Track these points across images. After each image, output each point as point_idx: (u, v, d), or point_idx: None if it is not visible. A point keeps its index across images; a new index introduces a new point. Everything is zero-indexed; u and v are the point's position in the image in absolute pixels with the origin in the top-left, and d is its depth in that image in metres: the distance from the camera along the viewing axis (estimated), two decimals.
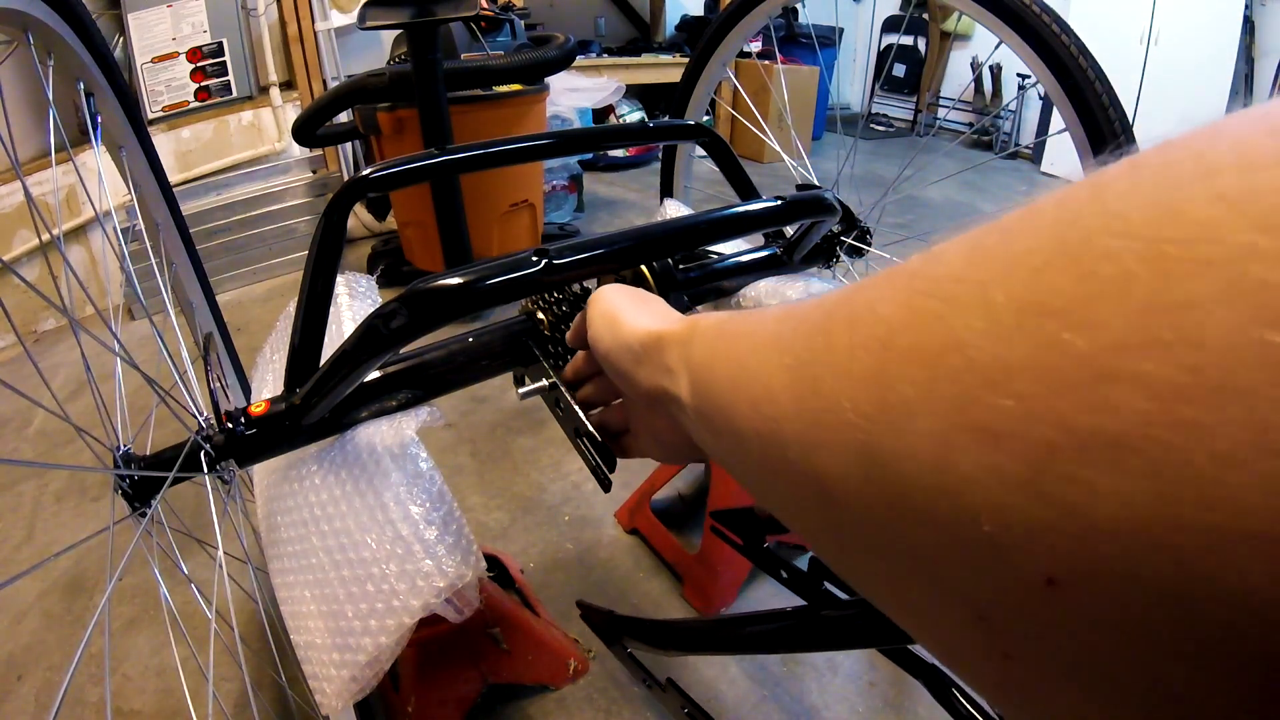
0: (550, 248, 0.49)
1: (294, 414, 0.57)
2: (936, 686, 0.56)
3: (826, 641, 0.55)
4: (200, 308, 1.04)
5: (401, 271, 2.17)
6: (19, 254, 1.88)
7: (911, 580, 0.16)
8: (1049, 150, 3.95)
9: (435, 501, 0.55)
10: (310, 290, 0.57)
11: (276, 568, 0.60)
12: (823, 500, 0.18)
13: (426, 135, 1.73)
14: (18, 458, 1.42)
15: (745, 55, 3.19)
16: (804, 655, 0.96)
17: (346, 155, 2.53)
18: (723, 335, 0.27)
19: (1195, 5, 3.15)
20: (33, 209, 0.96)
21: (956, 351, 0.14)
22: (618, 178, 3.41)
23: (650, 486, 1.15)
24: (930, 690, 0.56)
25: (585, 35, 3.74)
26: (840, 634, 0.53)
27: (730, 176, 0.86)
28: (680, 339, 0.32)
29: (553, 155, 0.72)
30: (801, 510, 0.20)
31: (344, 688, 0.52)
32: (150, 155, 0.91)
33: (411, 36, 1.62)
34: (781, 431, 0.20)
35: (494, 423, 1.47)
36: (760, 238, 0.90)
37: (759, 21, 1.15)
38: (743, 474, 0.25)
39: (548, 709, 0.88)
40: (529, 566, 1.10)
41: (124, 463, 0.56)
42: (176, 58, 2.27)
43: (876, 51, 5.16)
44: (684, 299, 0.63)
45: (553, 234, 2.40)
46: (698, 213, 0.61)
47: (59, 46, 0.72)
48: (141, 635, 0.98)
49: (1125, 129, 0.79)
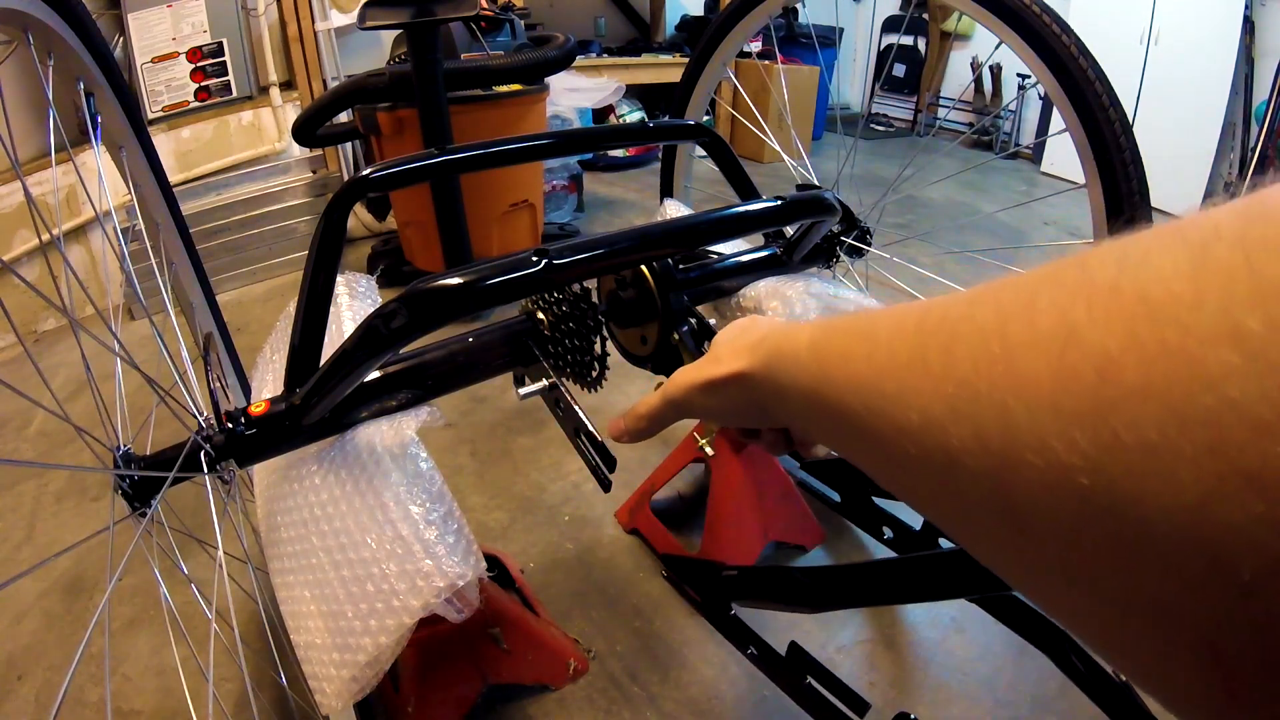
0: (550, 248, 0.49)
1: (294, 414, 0.57)
2: (1054, 647, 0.54)
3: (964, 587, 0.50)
4: (200, 308, 1.04)
5: (401, 271, 2.17)
6: (19, 254, 1.88)
7: (1129, 618, 0.15)
8: (1049, 150, 3.95)
9: (435, 501, 0.55)
10: (310, 290, 0.57)
11: (276, 568, 0.60)
12: (1015, 532, 0.17)
13: (426, 135, 1.73)
14: (18, 458, 1.42)
15: (745, 55, 3.19)
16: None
17: (346, 155, 2.53)
18: (825, 353, 0.26)
19: (1195, 5, 3.15)
20: (33, 209, 0.96)
21: (1210, 392, 0.13)
22: (618, 178, 3.41)
23: (650, 486, 1.15)
24: (1046, 652, 0.54)
25: (585, 35, 3.74)
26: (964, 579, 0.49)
27: (730, 176, 0.86)
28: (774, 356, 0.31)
29: (553, 155, 0.72)
30: (979, 533, 0.19)
31: (344, 688, 0.52)
32: (150, 155, 0.91)
33: (411, 36, 1.62)
34: (959, 465, 0.18)
35: (494, 423, 1.47)
36: (760, 238, 0.90)
37: (759, 21, 1.15)
38: (879, 474, 0.24)
39: (548, 709, 0.88)
40: (529, 566, 1.10)
41: (124, 463, 0.56)
42: (176, 58, 2.27)
43: (876, 51, 5.16)
44: (684, 299, 0.63)
45: (553, 234, 2.40)
46: (698, 213, 0.61)
47: (59, 46, 0.72)
48: (141, 635, 0.98)
49: (1125, 129, 0.79)
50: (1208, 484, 0.13)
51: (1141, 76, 3.00)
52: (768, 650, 0.60)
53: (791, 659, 0.59)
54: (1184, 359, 0.13)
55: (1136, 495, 0.14)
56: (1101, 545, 0.15)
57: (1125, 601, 0.15)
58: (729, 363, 0.36)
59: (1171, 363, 0.13)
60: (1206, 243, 0.14)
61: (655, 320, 0.64)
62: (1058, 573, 0.16)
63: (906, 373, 0.21)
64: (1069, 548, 0.16)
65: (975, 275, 2.13)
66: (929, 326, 0.21)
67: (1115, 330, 0.15)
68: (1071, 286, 0.16)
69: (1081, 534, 0.15)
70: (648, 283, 0.64)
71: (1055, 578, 0.17)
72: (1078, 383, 0.15)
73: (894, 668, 0.94)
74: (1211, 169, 3.19)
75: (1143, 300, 0.14)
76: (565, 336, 0.64)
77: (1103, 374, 0.14)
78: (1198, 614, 0.13)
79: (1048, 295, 0.17)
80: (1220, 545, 0.13)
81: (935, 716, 0.88)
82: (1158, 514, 0.13)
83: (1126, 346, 0.14)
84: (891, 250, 1.03)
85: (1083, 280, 0.16)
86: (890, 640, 0.98)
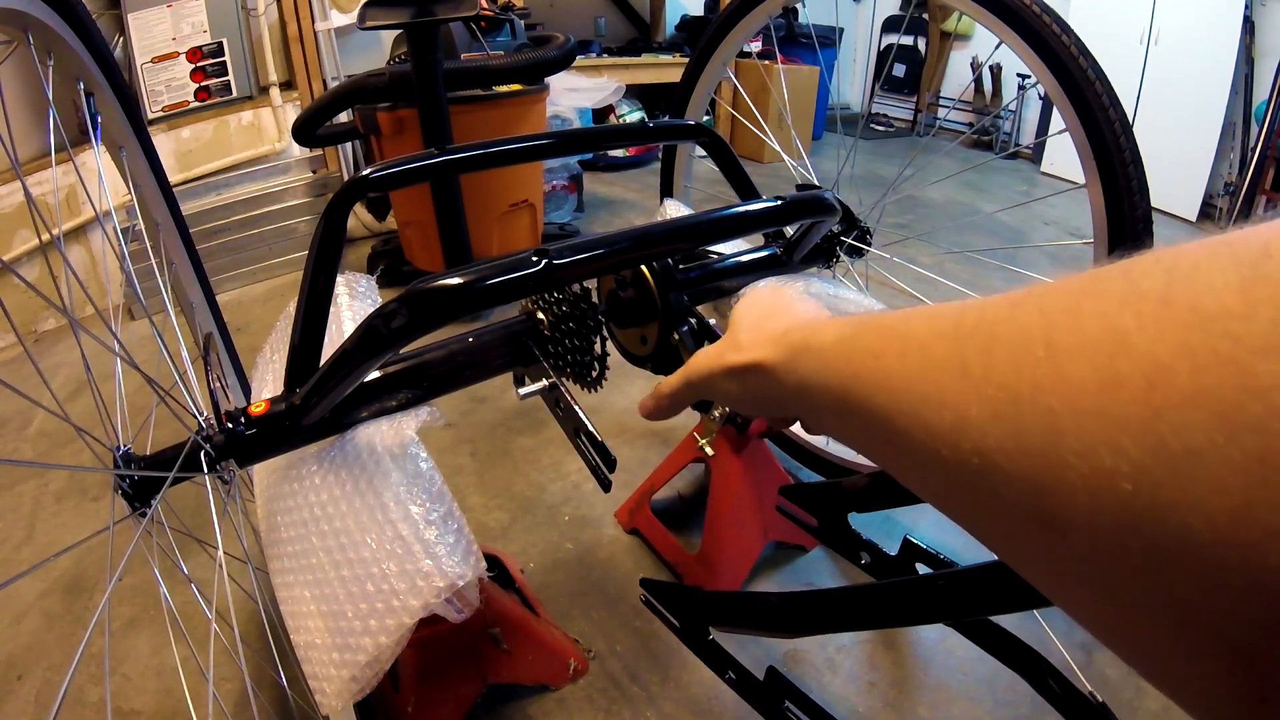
0: (550, 248, 0.49)
1: (294, 414, 0.57)
2: (1031, 670, 0.54)
3: (949, 610, 0.50)
4: (200, 308, 1.04)
5: (401, 271, 2.17)
6: (19, 254, 1.88)
7: (1161, 622, 0.15)
8: (1049, 150, 3.95)
9: (435, 501, 0.55)
10: (310, 290, 0.57)
11: (276, 568, 0.60)
12: (1049, 535, 0.17)
13: (426, 135, 1.73)
14: (18, 458, 1.42)
15: (745, 55, 3.19)
16: (804, 655, 0.96)
17: (346, 155, 2.53)
18: (854, 351, 0.26)
19: (1195, 5, 3.15)
20: (33, 209, 0.96)
21: (1259, 401, 0.13)
22: (618, 178, 3.41)
23: (650, 486, 1.15)
24: (1023, 675, 0.54)
25: (585, 35, 3.74)
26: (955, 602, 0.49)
27: (730, 176, 0.86)
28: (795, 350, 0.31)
29: (553, 155, 0.72)
30: (1010, 535, 0.19)
31: (344, 688, 0.52)
32: (150, 155, 0.91)
33: (411, 36, 1.62)
34: (994, 467, 0.18)
35: (494, 423, 1.47)
36: (760, 238, 0.90)
37: (759, 21, 1.15)
38: (904, 475, 0.24)
39: (548, 709, 0.88)
40: (529, 566, 1.10)
41: (124, 463, 0.56)
42: (176, 58, 2.27)
43: (876, 51, 5.16)
44: (684, 299, 0.63)
45: (553, 234, 2.40)
46: (698, 213, 0.61)
47: (59, 46, 0.72)
48: (141, 635, 0.98)
49: (1125, 129, 0.79)
50: (1253, 490, 0.13)
51: (1141, 76, 3.00)
52: (746, 675, 0.60)
53: (769, 684, 0.59)
54: (1235, 369, 0.13)
55: (1179, 500, 0.14)
56: (1139, 549, 0.15)
57: (1158, 605, 0.15)
58: (751, 351, 0.36)
59: (1222, 372, 0.14)
60: (1256, 260, 0.14)
61: (655, 320, 0.64)
62: (1090, 576, 0.17)
63: (941, 373, 0.21)
64: (1104, 551, 0.16)
65: (975, 275, 2.14)
66: (966, 328, 0.21)
67: (1166, 339, 0.15)
68: (1117, 296, 0.17)
69: (1119, 537, 0.15)
70: (648, 283, 0.64)
71: (1087, 581, 0.17)
72: (1126, 389, 0.15)
73: (894, 668, 0.94)
74: (1211, 169, 3.19)
75: (1194, 311, 0.15)
76: (565, 336, 0.64)
77: (1152, 381, 0.15)
78: (1234, 620, 0.14)
79: (1092, 303, 0.17)
80: (1261, 551, 0.13)
81: (935, 716, 0.88)
82: (1200, 519, 0.14)
83: (1177, 355, 0.14)
84: (891, 250, 1.03)
85: (1129, 290, 0.16)
86: (890, 640, 0.98)
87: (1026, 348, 0.18)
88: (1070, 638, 0.97)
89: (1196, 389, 0.14)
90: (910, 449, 0.22)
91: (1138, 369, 0.15)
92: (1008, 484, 0.18)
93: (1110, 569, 0.16)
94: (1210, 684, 0.15)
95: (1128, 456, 0.15)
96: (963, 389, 0.20)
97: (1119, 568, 0.16)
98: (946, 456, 0.20)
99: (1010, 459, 0.18)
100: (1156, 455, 0.14)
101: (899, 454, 0.23)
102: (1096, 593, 0.17)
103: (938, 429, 0.20)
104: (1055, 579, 0.18)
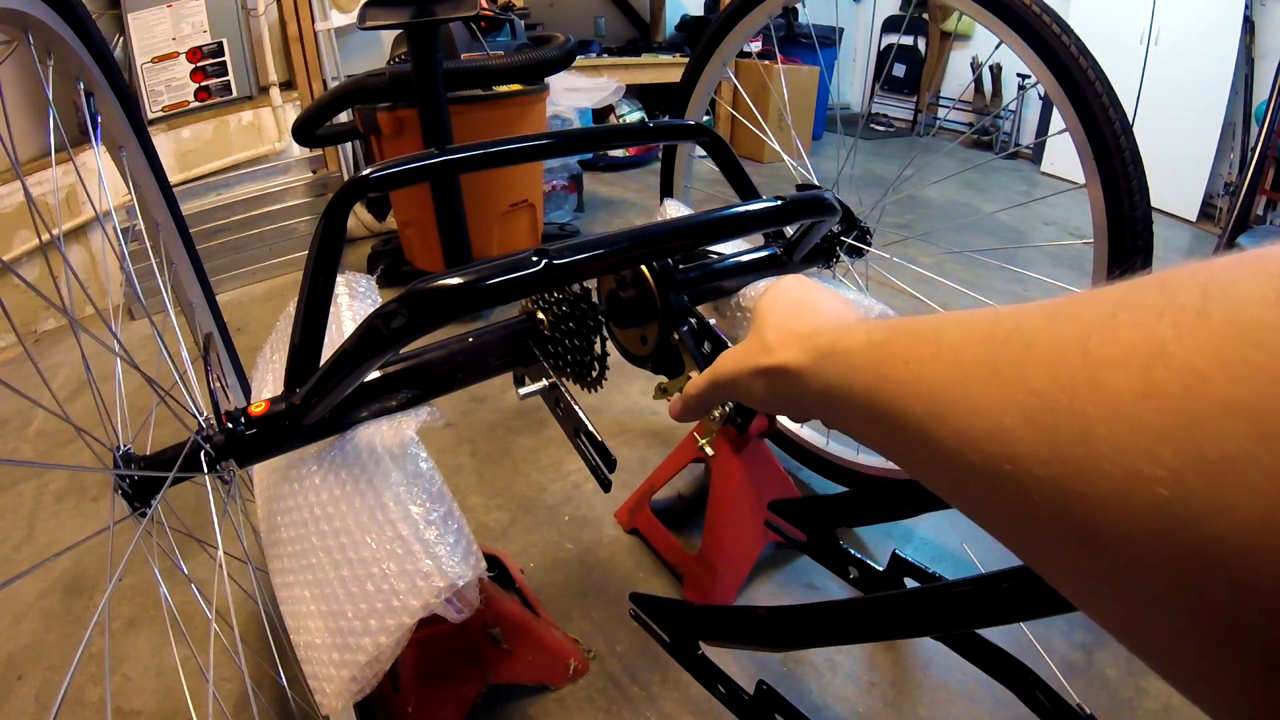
0: (550, 248, 0.49)
1: (294, 414, 0.57)
2: (1019, 683, 0.54)
3: (944, 622, 0.51)
4: (200, 308, 1.04)
5: (401, 271, 2.17)
6: (19, 254, 1.88)
7: (1190, 628, 0.15)
8: (1049, 150, 3.95)
9: (435, 501, 0.55)
10: (310, 290, 0.57)
11: (276, 568, 0.60)
12: (1080, 541, 0.17)
13: (426, 135, 1.73)
14: (18, 458, 1.42)
15: (745, 55, 3.19)
16: (804, 655, 0.96)
17: (346, 155, 2.53)
18: (884, 356, 0.26)
19: (1195, 5, 3.15)
20: (33, 209, 0.96)
21: None
22: (618, 178, 3.41)
23: (650, 486, 1.15)
24: (1011, 687, 0.54)
25: (585, 35, 3.74)
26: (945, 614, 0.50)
27: (730, 176, 0.86)
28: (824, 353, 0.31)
29: (553, 155, 0.72)
30: (1039, 541, 0.19)
31: (344, 688, 0.52)
32: (150, 155, 0.91)
33: (411, 36, 1.62)
34: (1026, 473, 0.18)
35: (494, 423, 1.47)
36: (760, 238, 0.90)
37: (759, 21, 1.15)
38: (932, 480, 0.24)
39: (548, 709, 0.88)
40: (529, 566, 1.10)
41: (124, 463, 0.56)
42: (176, 58, 2.27)
43: (876, 51, 5.16)
44: (684, 299, 0.63)
45: (553, 234, 2.40)
46: (698, 213, 0.61)
47: (59, 46, 0.72)
48: (141, 635, 0.98)
49: (1125, 129, 0.79)
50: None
51: (1141, 76, 3.00)
52: (735, 689, 0.60)
53: (759, 698, 0.59)
54: (1270, 378, 0.14)
55: (1213, 507, 0.14)
56: (1171, 554, 0.15)
57: (1188, 611, 0.15)
58: (779, 353, 0.36)
59: (1259, 382, 0.14)
60: (1275, 263, 0.15)
61: (655, 320, 0.64)
62: (1120, 581, 0.17)
63: (975, 380, 0.21)
64: (1136, 557, 0.16)
65: (975, 275, 2.14)
66: (1000, 335, 0.21)
67: (1204, 350, 0.15)
68: (1154, 308, 0.17)
69: (1152, 543, 0.15)
70: (648, 283, 0.64)
71: (1117, 587, 0.17)
72: (1163, 398, 0.15)
73: (894, 668, 0.94)
74: (1211, 169, 3.19)
75: (1231, 324, 0.15)
76: (565, 336, 0.64)
77: (1190, 390, 0.15)
78: (1265, 626, 0.14)
79: (1129, 314, 0.17)
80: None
81: (935, 716, 0.88)
82: (1232, 525, 0.14)
83: (1215, 365, 0.15)
84: (891, 250, 1.03)
85: (1166, 302, 0.17)
86: (890, 641, 0.98)
87: (1063, 356, 0.18)
88: (1069, 638, 0.97)
89: (1233, 398, 0.14)
90: (941, 454, 0.22)
91: (1175, 378, 0.15)
92: (1040, 490, 0.18)
93: (1141, 574, 0.16)
94: (1238, 688, 0.15)
95: (1164, 464, 0.15)
96: (997, 395, 0.20)
97: (1150, 573, 0.16)
98: (978, 463, 0.20)
99: (1044, 465, 0.18)
100: (1193, 463, 0.15)
101: (928, 459, 0.23)
102: (1127, 598, 0.17)
103: (970, 435, 0.21)
104: (1085, 585, 0.18)
